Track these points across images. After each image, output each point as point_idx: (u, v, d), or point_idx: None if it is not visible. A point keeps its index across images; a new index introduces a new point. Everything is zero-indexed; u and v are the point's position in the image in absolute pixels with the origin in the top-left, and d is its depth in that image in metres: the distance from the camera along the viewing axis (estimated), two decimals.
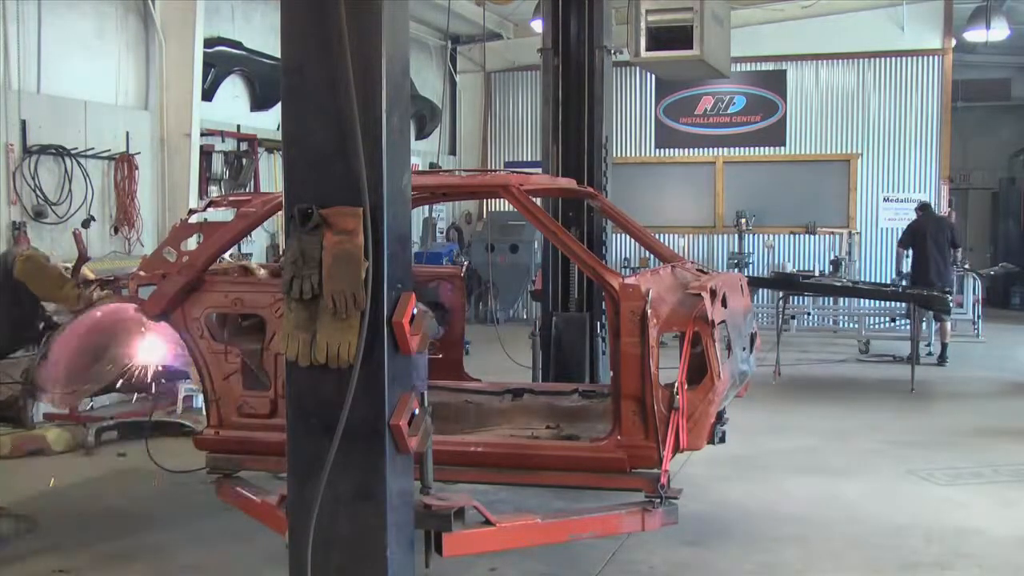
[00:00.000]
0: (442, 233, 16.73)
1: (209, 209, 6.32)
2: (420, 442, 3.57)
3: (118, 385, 5.93)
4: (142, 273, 5.49)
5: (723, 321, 5.03)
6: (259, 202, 5.47)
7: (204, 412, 5.51)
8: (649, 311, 4.77)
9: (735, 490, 6.79)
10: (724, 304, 5.11)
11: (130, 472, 7.27)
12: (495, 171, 8.92)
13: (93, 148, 9.46)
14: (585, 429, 5.53)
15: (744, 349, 5.64)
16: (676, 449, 4.80)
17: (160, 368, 5.87)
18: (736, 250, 15.95)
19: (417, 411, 3.55)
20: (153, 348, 5.51)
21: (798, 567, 5.43)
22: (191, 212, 6.20)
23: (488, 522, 4.40)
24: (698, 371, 4.85)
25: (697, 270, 6.02)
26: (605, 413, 5.42)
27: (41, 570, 5.35)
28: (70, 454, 7.78)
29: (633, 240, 8.12)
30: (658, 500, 4.79)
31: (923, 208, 13.02)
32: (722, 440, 5.37)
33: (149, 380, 5.91)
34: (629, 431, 4.83)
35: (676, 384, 4.69)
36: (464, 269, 7.09)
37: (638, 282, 4.91)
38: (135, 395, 6.87)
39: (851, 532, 5.95)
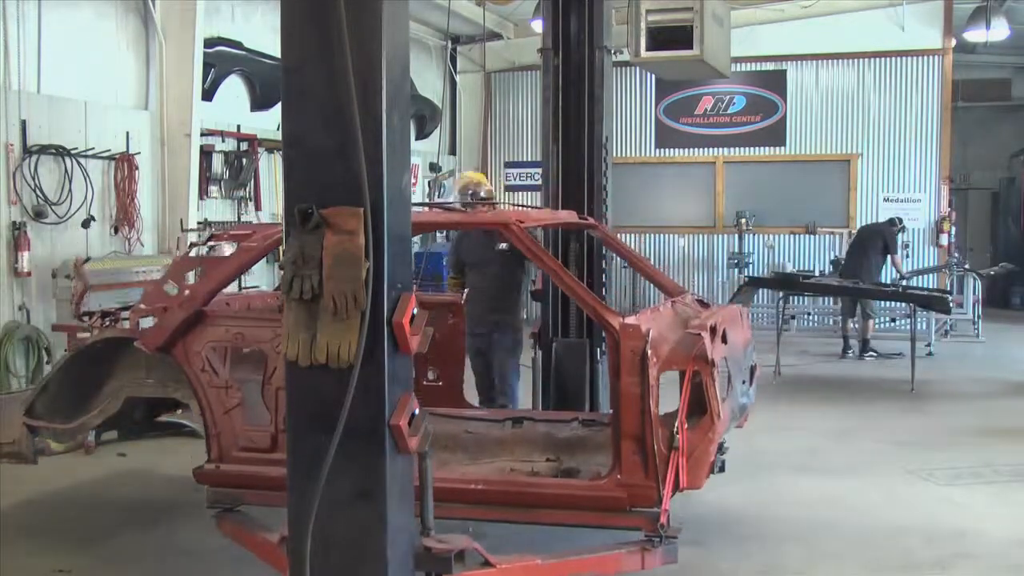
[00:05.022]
0: (442, 233, 16.70)
1: (211, 243, 6.30)
2: (420, 442, 3.57)
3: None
4: (143, 306, 5.49)
5: (724, 358, 5.03)
6: (260, 236, 5.45)
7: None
8: (649, 351, 4.75)
9: (735, 490, 6.78)
10: (724, 340, 5.10)
11: (130, 472, 7.28)
12: (495, 203, 8.77)
13: (93, 148, 9.46)
14: (585, 461, 5.51)
15: (744, 382, 5.63)
16: (676, 488, 4.78)
17: None
18: (736, 250, 15.94)
19: (417, 411, 3.55)
20: None
21: (798, 567, 5.43)
22: (192, 246, 6.18)
23: (488, 563, 4.38)
24: (697, 403, 4.83)
25: (697, 301, 6.02)
26: (605, 444, 5.39)
27: (41, 570, 5.36)
28: (70, 454, 7.78)
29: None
30: (658, 539, 4.78)
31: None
32: (721, 470, 5.35)
33: None
34: (629, 470, 4.79)
35: (676, 423, 4.67)
36: (464, 296, 7.05)
37: (638, 322, 4.88)
38: None
39: (851, 532, 5.96)
